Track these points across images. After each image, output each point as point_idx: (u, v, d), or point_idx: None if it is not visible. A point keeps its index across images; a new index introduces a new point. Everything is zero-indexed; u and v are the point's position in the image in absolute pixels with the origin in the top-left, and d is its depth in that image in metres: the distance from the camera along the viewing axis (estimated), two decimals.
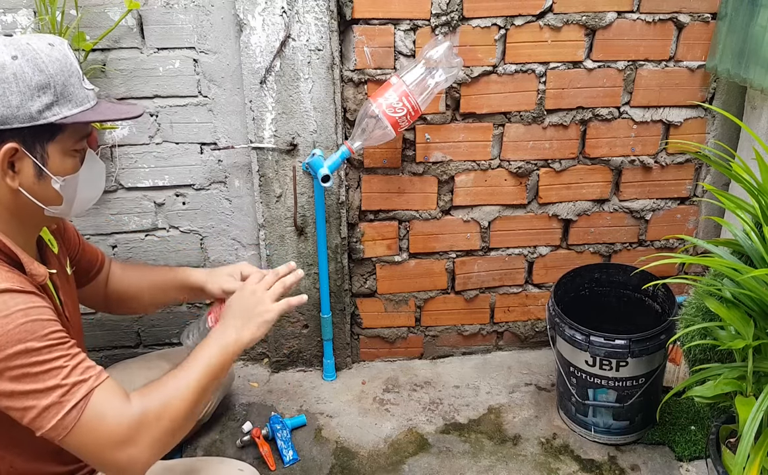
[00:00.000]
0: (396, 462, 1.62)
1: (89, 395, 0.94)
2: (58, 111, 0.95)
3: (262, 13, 1.54)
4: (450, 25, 1.62)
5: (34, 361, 0.90)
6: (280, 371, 1.93)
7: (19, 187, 0.96)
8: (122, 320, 1.87)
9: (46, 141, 0.96)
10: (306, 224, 1.75)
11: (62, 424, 0.92)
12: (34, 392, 0.90)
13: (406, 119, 1.54)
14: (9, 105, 0.91)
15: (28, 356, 0.90)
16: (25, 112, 0.92)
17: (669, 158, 1.83)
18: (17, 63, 0.92)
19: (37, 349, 0.91)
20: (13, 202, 0.98)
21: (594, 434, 1.65)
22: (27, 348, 0.90)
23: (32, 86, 0.92)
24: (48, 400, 0.91)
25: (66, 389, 0.92)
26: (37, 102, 0.93)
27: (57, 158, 0.98)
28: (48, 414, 0.91)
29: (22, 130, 0.93)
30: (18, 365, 0.89)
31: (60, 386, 0.92)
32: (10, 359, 0.88)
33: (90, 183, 1.07)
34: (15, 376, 0.89)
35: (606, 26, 1.66)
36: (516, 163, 1.78)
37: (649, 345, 1.53)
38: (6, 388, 0.89)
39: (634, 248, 1.93)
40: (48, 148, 0.97)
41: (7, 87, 0.91)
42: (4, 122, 0.91)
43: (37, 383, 0.90)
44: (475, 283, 1.92)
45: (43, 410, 0.91)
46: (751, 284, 1.19)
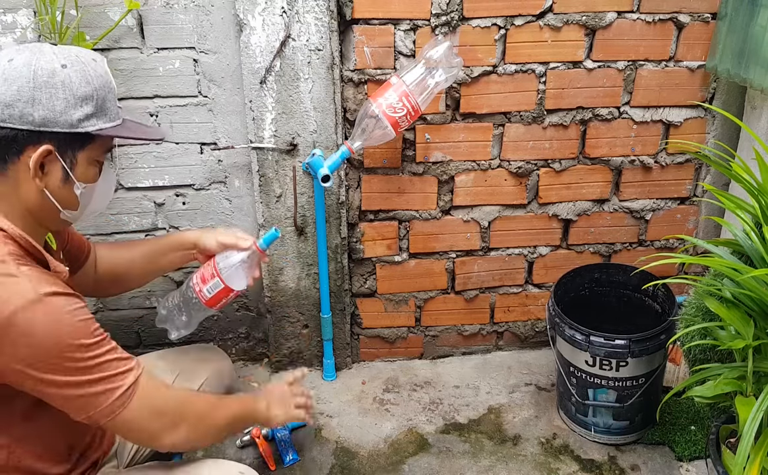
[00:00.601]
0: (396, 462, 1.62)
1: (135, 385, 1.02)
2: (95, 123, 1.01)
3: (262, 13, 1.54)
4: (450, 25, 1.62)
5: (84, 356, 0.96)
6: (280, 371, 1.93)
7: (45, 188, 1.00)
8: (122, 321, 1.87)
9: (78, 149, 1.01)
10: (306, 224, 1.75)
11: (110, 408, 0.99)
12: (86, 382, 0.96)
13: (406, 119, 1.54)
14: (53, 109, 0.96)
15: (78, 352, 0.95)
16: (67, 119, 0.97)
17: (669, 158, 1.83)
18: (66, 72, 0.97)
19: (87, 345, 0.97)
20: (34, 202, 1.01)
21: (594, 434, 1.65)
22: (79, 343, 0.95)
23: (78, 96, 0.97)
24: (97, 388, 0.97)
25: (114, 377, 1.00)
26: (79, 111, 0.98)
27: (83, 166, 1.03)
28: (98, 400, 0.98)
29: (59, 135, 0.98)
30: (71, 358, 0.95)
31: (108, 377, 0.99)
32: (63, 357, 0.94)
33: (103, 193, 1.12)
34: (69, 368, 0.95)
35: (606, 26, 1.66)
36: (516, 163, 1.78)
37: (649, 345, 1.53)
38: (59, 378, 0.94)
39: (634, 248, 1.93)
40: (78, 156, 1.02)
41: (54, 92, 0.95)
42: (45, 125, 0.96)
43: (87, 374, 0.96)
44: (475, 283, 1.92)
45: (92, 396, 0.97)
46: (751, 284, 1.19)
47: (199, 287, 1.36)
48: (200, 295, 1.36)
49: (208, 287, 1.36)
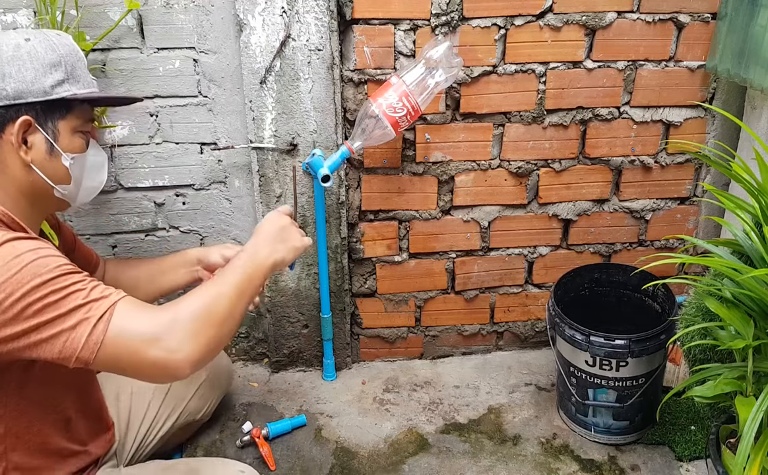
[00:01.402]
0: (396, 462, 1.62)
1: (113, 306, 0.95)
2: (69, 88, 1.03)
3: (262, 13, 1.54)
4: (450, 25, 1.62)
5: (51, 290, 0.92)
6: (280, 371, 1.93)
7: (31, 162, 1.01)
8: None
9: (57, 118, 1.03)
10: (306, 224, 1.75)
11: (92, 340, 0.92)
12: (58, 317, 0.91)
13: (406, 119, 1.54)
14: (24, 80, 0.98)
15: (45, 287, 0.91)
16: (39, 87, 0.99)
17: (669, 158, 1.83)
18: (30, 43, 1.00)
19: (52, 279, 0.92)
20: (25, 180, 1.02)
21: (594, 434, 1.65)
22: (42, 280, 0.91)
23: (45, 63, 1.00)
24: (73, 320, 0.92)
25: (88, 306, 0.93)
26: (49, 78, 1.00)
27: (66, 136, 1.05)
28: (76, 334, 0.92)
29: (35, 105, 1.00)
30: (37, 299, 0.91)
31: (82, 306, 0.93)
32: (28, 294, 0.90)
33: (95, 167, 1.13)
34: (37, 310, 0.91)
35: (606, 26, 1.66)
36: (516, 163, 1.78)
37: (649, 345, 1.53)
38: (31, 323, 0.91)
39: (634, 248, 1.93)
40: (59, 125, 1.03)
41: (21, 64, 0.98)
42: (19, 97, 0.98)
43: (59, 309, 0.92)
44: (475, 283, 1.92)
45: (70, 329, 0.92)
46: (751, 284, 1.19)
47: None
48: None
49: None
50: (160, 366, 0.94)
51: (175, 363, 0.95)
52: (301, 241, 1.22)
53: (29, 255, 0.92)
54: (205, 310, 1.00)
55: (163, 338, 0.94)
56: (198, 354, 0.97)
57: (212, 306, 1.01)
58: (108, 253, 1.78)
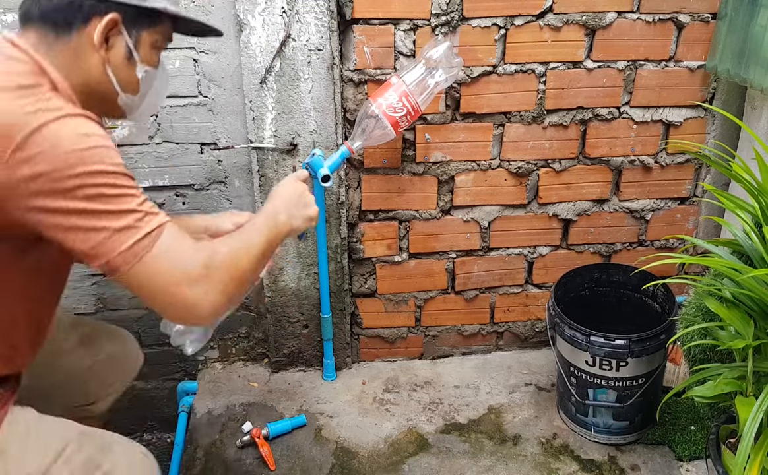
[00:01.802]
0: (396, 462, 1.62)
1: (162, 226, 0.91)
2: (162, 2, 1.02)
3: (262, 13, 1.54)
4: (450, 25, 1.62)
5: (111, 183, 0.88)
6: (280, 371, 1.93)
7: (107, 62, 0.99)
8: (122, 321, 1.86)
9: (143, 27, 1.02)
10: None
11: (134, 250, 0.88)
12: (108, 212, 0.88)
13: (406, 119, 1.54)
14: None
15: (105, 177, 0.88)
16: None
17: (669, 158, 1.83)
18: None
19: (114, 173, 0.89)
20: (94, 77, 1.00)
21: (594, 434, 1.65)
22: (105, 170, 0.88)
23: None
24: (122, 222, 0.88)
25: (141, 216, 0.90)
26: None
27: (146, 48, 1.04)
28: (120, 237, 0.88)
29: (126, 7, 0.98)
30: (94, 184, 0.87)
31: (135, 212, 0.89)
32: (88, 175, 0.86)
33: (161, 87, 1.13)
34: (90, 195, 0.86)
35: (606, 26, 1.66)
36: (516, 163, 1.78)
37: (649, 345, 1.53)
38: (79, 205, 0.86)
39: (634, 248, 1.93)
40: (142, 34, 1.02)
41: None
42: None
43: (111, 204, 0.88)
44: (475, 283, 1.92)
45: (116, 231, 0.87)
46: (751, 284, 1.19)
47: None
48: None
49: None
50: (189, 305, 0.92)
51: (202, 307, 0.93)
52: (315, 210, 1.21)
53: (99, 139, 0.89)
54: (233, 263, 0.98)
55: (200, 279, 0.92)
56: (222, 305, 0.95)
57: (239, 261, 0.99)
58: None
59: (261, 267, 1.06)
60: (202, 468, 1.61)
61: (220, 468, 1.61)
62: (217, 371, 1.94)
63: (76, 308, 1.83)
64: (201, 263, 0.93)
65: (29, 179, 0.84)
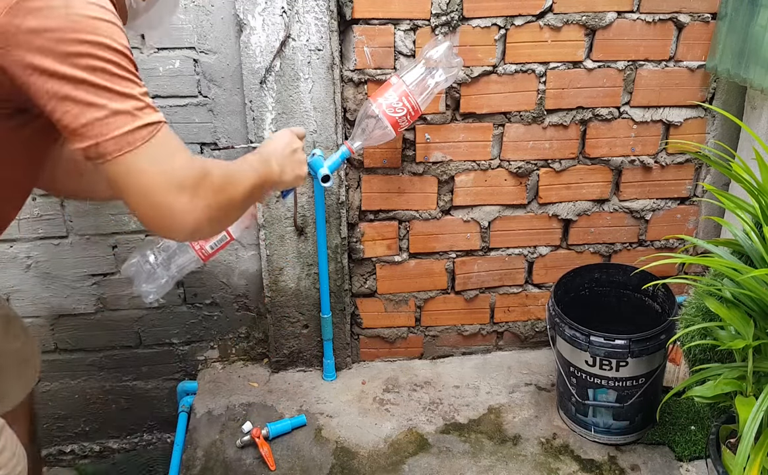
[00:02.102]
0: (396, 462, 1.62)
1: (162, 124, 0.85)
2: None
3: (262, 13, 1.54)
4: (450, 25, 1.62)
5: (117, 62, 0.82)
6: (280, 371, 1.93)
7: None
8: (122, 321, 1.87)
9: None
10: (306, 224, 1.75)
11: (129, 138, 0.81)
12: (109, 90, 0.81)
13: (406, 119, 1.54)
14: None
15: (112, 54, 0.81)
16: None
17: (669, 158, 1.83)
18: None
19: (122, 53, 0.83)
20: None
21: (594, 434, 1.65)
22: (113, 46, 0.82)
23: None
24: (122, 105, 0.81)
25: (142, 105, 0.83)
26: None
27: None
28: (117, 120, 0.81)
29: None
30: (99, 57, 0.80)
31: (137, 99, 0.83)
32: (94, 46, 0.80)
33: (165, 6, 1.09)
34: (93, 66, 0.80)
35: (606, 26, 1.66)
36: (516, 163, 1.78)
37: (649, 345, 1.53)
38: (78, 74, 0.79)
39: (634, 248, 1.93)
40: None
41: None
42: None
43: (113, 83, 0.81)
44: (475, 283, 1.92)
45: (114, 113, 0.81)
46: (751, 284, 1.19)
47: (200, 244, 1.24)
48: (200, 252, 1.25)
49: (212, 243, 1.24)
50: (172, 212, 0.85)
51: (184, 219, 0.86)
52: (305, 170, 1.19)
53: (113, 17, 0.83)
54: (222, 187, 0.92)
55: (189, 189, 0.85)
56: (202, 225, 0.89)
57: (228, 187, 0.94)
58: (108, 253, 1.78)
59: (245, 205, 1.01)
60: (202, 468, 1.61)
61: (220, 468, 1.61)
62: (217, 371, 1.94)
63: (76, 308, 1.83)
64: (194, 173, 0.87)
65: (33, 32, 0.78)
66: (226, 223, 0.99)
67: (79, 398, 1.95)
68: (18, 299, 1.79)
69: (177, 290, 1.85)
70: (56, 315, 1.84)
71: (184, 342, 1.93)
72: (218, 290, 1.86)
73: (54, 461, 2.01)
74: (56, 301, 1.82)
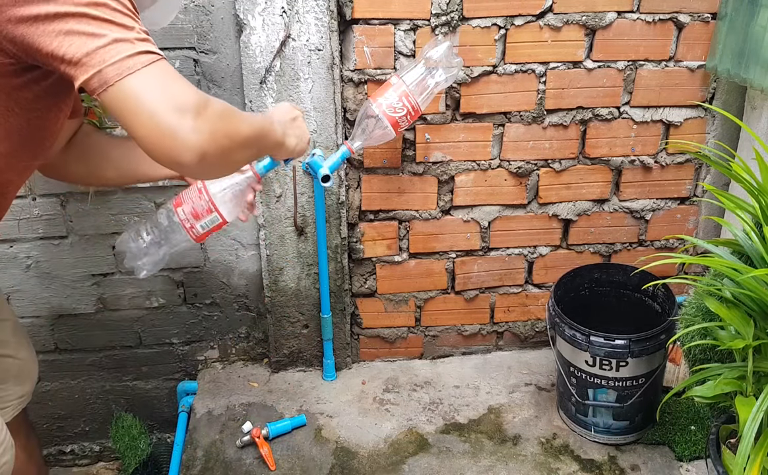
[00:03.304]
0: (396, 462, 1.62)
1: (160, 57, 0.85)
2: None
3: (262, 13, 1.54)
4: (450, 25, 1.62)
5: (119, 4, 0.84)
6: (280, 371, 1.93)
7: None
8: (122, 321, 1.87)
9: None
10: (306, 224, 1.75)
11: (129, 62, 0.81)
12: (110, 21, 0.82)
13: (406, 119, 1.54)
14: None
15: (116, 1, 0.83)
16: None
17: (669, 158, 1.83)
18: None
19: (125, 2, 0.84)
20: None
21: (594, 434, 1.65)
22: None
23: None
24: (123, 34, 0.82)
25: (142, 37, 0.84)
26: None
27: None
28: (118, 46, 0.81)
29: None
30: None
31: (133, 30, 0.84)
32: None
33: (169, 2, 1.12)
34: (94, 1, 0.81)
35: (606, 26, 1.66)
36: (516, 163, 1.78)
37: (649, 345, 1.53)
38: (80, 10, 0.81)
39: (634, 248, 1.93)
40: None
41: None
42: None
43: (114, 16, 0.82)
44: (475, 283, 1.92)
45: (115, 41, 0.81)
46: (751, 284, 1.19)
47: (191, 223, 1.23)
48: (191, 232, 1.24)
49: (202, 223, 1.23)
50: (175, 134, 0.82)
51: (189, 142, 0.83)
52: (308, 138, 1.21)
53: None
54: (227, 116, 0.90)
55: (193, 111, 0.83)
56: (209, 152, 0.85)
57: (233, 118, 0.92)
58: (108, 253, 1.78)
59: (249, 147, 0.98)
60: (202, 468, 1.62)
61: (220, 468, 1.61)
62: (217, 371, 1.94)
63: (77, 308, 1.83)
64: (196, 98, 0.85)
65: None
66: (233, 158, 0.94)
67: (79, 398, 1.95)
68: (18, 299, 1.79)
69: (177, 290, 1.85)
70: (56, 315, 1.84)
71: (184, 342, 1.93)
72: (218, 290, 1.87)
73: (54, 461, 2.01)
74: (56, 301, 1.82)
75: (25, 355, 1.40)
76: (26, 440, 1.44)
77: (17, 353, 1.38)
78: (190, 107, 0.83)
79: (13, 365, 1.37)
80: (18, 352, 1.38)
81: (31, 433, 1.50)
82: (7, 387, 1.35)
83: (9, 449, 1.14)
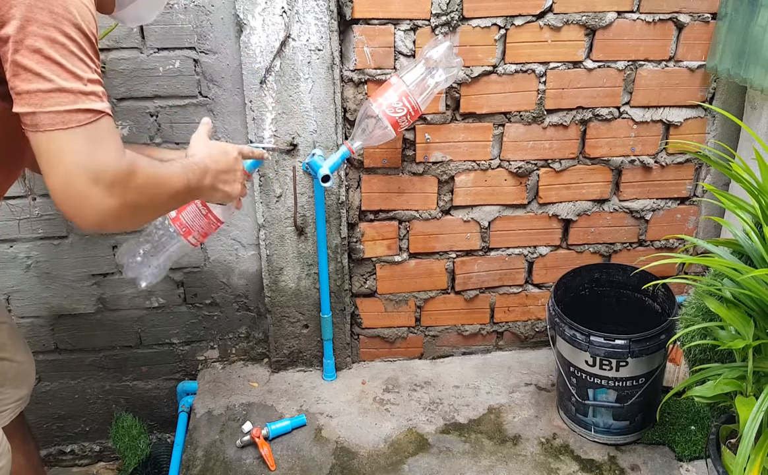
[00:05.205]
0: (396, 462, 1.62)
1: (103, 114, 0.86)
2: None
3: (262, 13, 1.54)
4: (450, 25, 1.62)
5: (77, 40, 0.84)
6: (280, 371, 1.93)
7: None
8: (122, 321, 1.87)
9: None
10: (306, 224, 1.75)
11: (65, 117, 0.82)
12: (60, 65, 0.82)
13: (406, 119, 1.54)
14: None
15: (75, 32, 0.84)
16: None
17: (669, 158, 1.83)
18: None
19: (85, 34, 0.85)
20: None
21: (594, 434, 1.65)
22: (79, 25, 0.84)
23: None
24: (67, 84, 0.82)
25: (88, 91, 0.85)
26: None
27: None
28: (59, 97, 0.82)
29: None
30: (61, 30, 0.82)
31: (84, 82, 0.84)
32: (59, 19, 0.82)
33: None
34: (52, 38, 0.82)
35: (606, 26, 1.66)
36: (516, 163, 1.78)
37: (649, 345, 1.53)
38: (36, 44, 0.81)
39: (634, 247, 1.93)
40: None
41: None
42: None
43: (67, 60, 0.83)
44: (475, 283, 1.92)
45: (58, 90, 0.82)
46: (751, 284, 1.19)
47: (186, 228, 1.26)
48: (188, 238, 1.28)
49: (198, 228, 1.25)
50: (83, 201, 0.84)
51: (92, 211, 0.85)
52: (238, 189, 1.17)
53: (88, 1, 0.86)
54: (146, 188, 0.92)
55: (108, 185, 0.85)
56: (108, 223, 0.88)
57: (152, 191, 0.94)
58: (108, 253, 1.78)
59: (168, 207, 1.02)
60: (202, 468, 1.61)
61: (220, 468, 1.61)
62: (217, 371, 1.94)
63: (77, 308, 1.83)
64: (116, 170, 0.86)
65: None
66: (142, 221, 1.00)
67: (79, 398, 1.95)
68: (18, 299, 1.79)
69: (177, 290, 1.85)
70: (56, 315, 1.84)
71: (184, 342, 1.93)
72: (218, 290, 1.87)
73: (54, 461, 2.01)
74: (56, 301, 1.82)
75: (22, 358, 1.40)
76: (24, 443, 1.44)
77: (14, 356, 1.38)
78: (106, 180, 0.85)
79: (11, 369, 1.37)
80: (15, 355, 1.38)
81: (28, 436, 1.50)
82: (4, 391, 1.36)
83: (6, 453, 1.14)
